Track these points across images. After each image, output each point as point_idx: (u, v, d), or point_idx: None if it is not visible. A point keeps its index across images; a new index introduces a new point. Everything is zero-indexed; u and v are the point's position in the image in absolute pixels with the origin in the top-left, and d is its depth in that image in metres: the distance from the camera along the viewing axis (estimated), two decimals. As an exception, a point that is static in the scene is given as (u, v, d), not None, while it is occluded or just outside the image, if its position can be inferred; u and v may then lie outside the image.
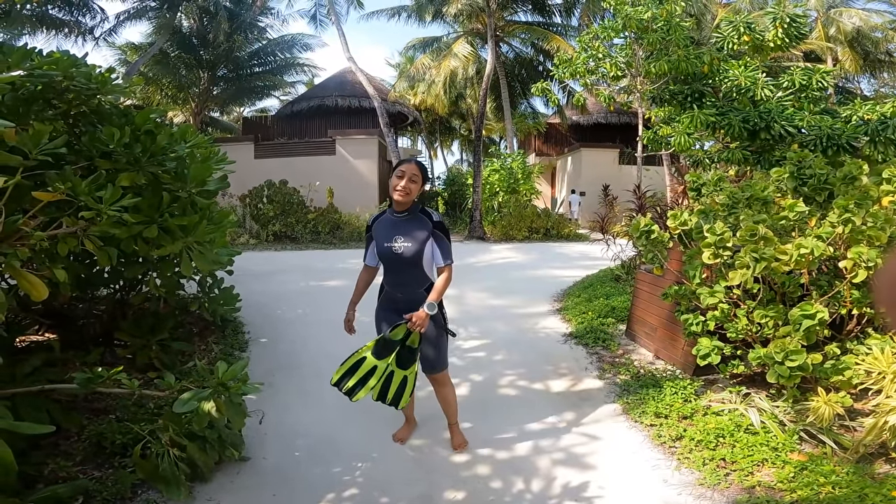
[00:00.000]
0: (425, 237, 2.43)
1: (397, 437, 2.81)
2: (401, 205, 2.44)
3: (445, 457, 2.66)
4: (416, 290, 2.51)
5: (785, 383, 2.42)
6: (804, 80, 6.52)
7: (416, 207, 2.50)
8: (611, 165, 17.40)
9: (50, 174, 2.22)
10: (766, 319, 2.44)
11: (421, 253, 2.43)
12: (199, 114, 19.86)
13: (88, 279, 3.33)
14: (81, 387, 2.01)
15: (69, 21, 15.18)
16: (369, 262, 2.69)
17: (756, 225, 2.35)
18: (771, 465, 2.43)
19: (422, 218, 2.46)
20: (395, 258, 2.44)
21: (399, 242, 2.42)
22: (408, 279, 2.50)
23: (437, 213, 2.52)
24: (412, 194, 2.42)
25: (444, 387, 2.64)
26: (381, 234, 2.50)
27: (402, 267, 2.46)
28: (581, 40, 9.29)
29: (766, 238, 2.30)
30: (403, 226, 2.44)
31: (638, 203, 6.25)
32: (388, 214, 2.54)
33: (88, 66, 2.68)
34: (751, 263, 2.25)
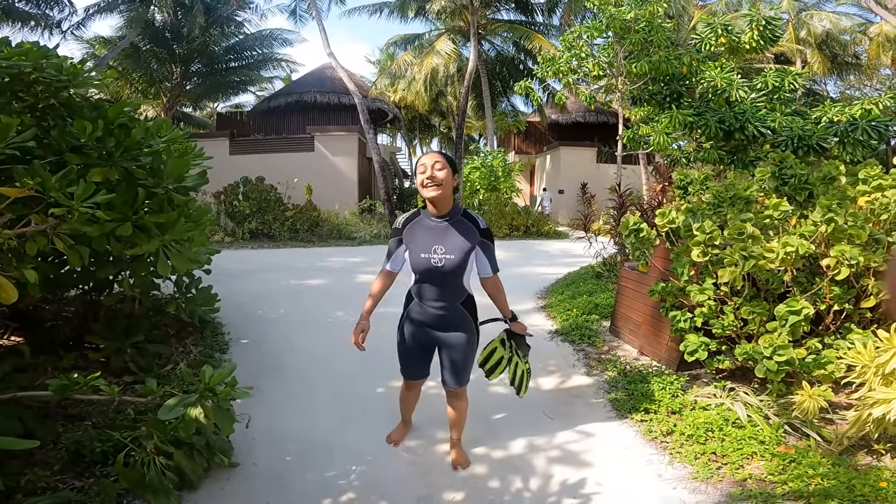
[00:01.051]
0: (470, 247, 2.15)
1: (391, 438, 2.73)
2: (439, 204, 2.13)
3: (441, 457, 2.62)
4: (453, 305, 2.27)
5: (772, 378, 2.46)
6: (777, 81, 6.69)
7: (457, 210, 2.20)
8: (589, 164, 17.61)
9: (18, 169, 2.10)
10: (752, 316, 2.48)
11: (465, 265, 2.16)
12: (171, 109, 19.27)
13: (58, 279, 3.17)
14: (57, 394, 1.91)
15: (36, 14, 14.58)
16: (392, 266, 2.31)
17: (744, 224, 2.38)
18: (760, 458, 2.48)
19: (465, 223, 2.17)
20: (435, 271, 2.15)
21: (439, 254, 2.12)
22: (446, 293, 2.23)
23: (481, 218, 2.25)
24: (445, 186, 2.08)
25: (462, 400, 2.48)
26: (416, 241, 2.17)
27: (441, 280, 2.18)
28: (565, 39, 9.36)
29: (754, 236, 2.33)
30: (445, 233, 2.14)
31: (619, 201, 6.32)
32: (423, 218, 2.21)
33: (59, 57, 2.55)
34: (739, 261, 2.28)
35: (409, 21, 17.59)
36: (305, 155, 15.22)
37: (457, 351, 2.32)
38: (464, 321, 2.32)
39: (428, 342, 2.38)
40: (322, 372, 3.63)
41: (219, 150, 14.72)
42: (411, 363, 2.46)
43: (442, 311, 2.25)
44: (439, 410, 2.77)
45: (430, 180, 2.06)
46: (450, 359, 2.35)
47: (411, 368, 2.48)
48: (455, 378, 2.38)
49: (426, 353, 2.44)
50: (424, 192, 2.10)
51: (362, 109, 12.66)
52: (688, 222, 2.69)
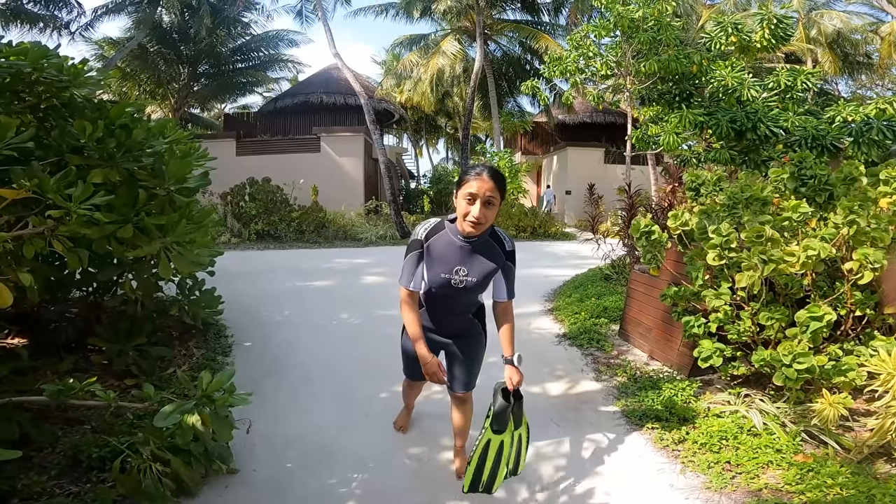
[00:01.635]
0: (494, 269, 1.99)
1: (398, 424, 2.76)
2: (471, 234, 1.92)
3: (445, 465, 2.55)
4: (465, 316, 2.20)
5: (791, 385, 2.38)
6: (789, 80, 6.58)
7: (487, 230, 1.97)
8: (596, 164, 17.48)
9: (15, 170, 2.06)
10: (771, 321, 2.39)
11: (486, 287, 2.04)
12: (179, 110, 19.37)
13: (59, 282, 3.14)
14: (52, 399, 1.86)
15: (44, 15, 14.68)
16: (413, 286, 2.07)
17: (762, 226, 2.29)
18: (776, 467, 2.41)
19: (492, 245, 1.99)
20: (454, 292, 2.01)
21: (461, 276, 1.96)
22: (460, 308, 2.15)
23: (509, 238, 2.05)
24: (488, 223, 1.88)
25: (468, 406, 2.41)
26: (438, 259, 1.98)
27: (458, 298, 2.07)
28: (572, 39, 9.28)
29: (773, 239, 2.25)
30: (470, 255, 1.96)
31: (628, 202, 6.23)
32: (447, 233, 1.98)
33: (60, 57, 2.51)
34: (758, 265, 2.20)
35: (414, 21, 17.58)
36: (311, 156, 15.23)
37: (465, 356, 2.25)
38: (473, 327, 2.26)
39: (434, 348, 2.27)
40: (325, 376, 3.57)
41: (226, 151, 14.77)
42: (415, 367, 2.30)
43: (454, 323, 2.20)
44: (443, 415, 2.71)
45: (475, 221, 1.82)
46: (457, 364, 2.28)
47: (413, 371, 2.39)
48: (463, 382, 2.29)
49: None
50: (464, 225, 1.86)
51: (368, 110, 12.62)
52: (702, 224, 2.60)
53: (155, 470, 1.92)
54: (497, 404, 2.03)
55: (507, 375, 2.07)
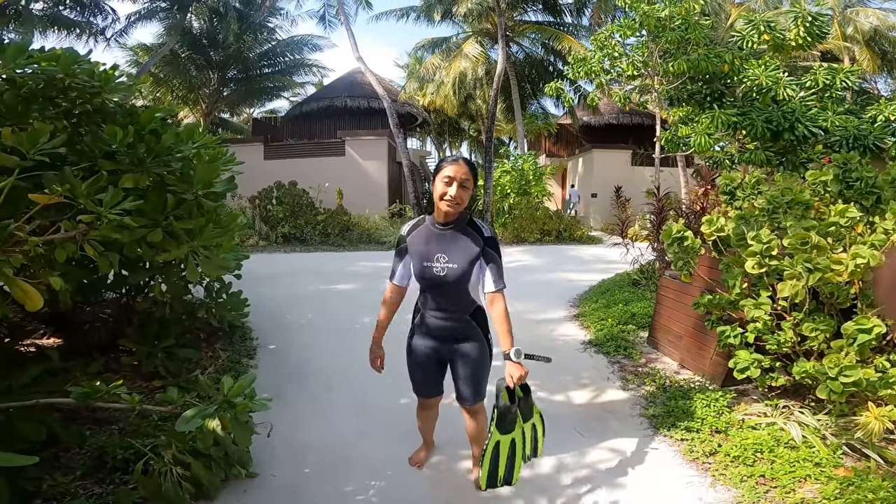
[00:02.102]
0: (474, 256, 2.03)
1: (414, 460, 2.58)
2: (448, 216, 2.04)
3: (464, 475, 2.50)
4: (460, 317, 2.14)
5: (836, 399, 2.25)
6: (827, 79, 6.33)
7: (462, 218, 2.08)
8: (623, 167, 17.16)
9: (48, 175, 2.10)
10: (815, 332, 2.26)
11: (469, 275, 2.04)
12: (210, 115, 19.89)
13: (91, 285, 3.21)
14: (78, 401, 1.89)
15: (81, 22, 15.24)
16: (398, 280, 2.22)
17: (807, 232, 2.17)
18: (814, 481, 2.29)
19: (469, 232, 2.06)
20: (438, 281, 2.04)
21: (442, 262, 2.02)
22: (451, 305, 2.11)
23: (487, 226, 2.11)
24: (464, 203, 2.00)
25: (478, 415, 2.32)
26: (419, 250, 2.08)
27: (446, 291, 2.07)
28: (596, 39, 9.13)
29: (819, 247, 2.12)
30: (447, 241, 2.04)
31: (658, 206, 6.07)
32: (427, 225, 2.12)
33: (91, 63, 2.56)
34: (803, 274, 2.08)
35: (436, 25, 17.62)
36: (336, 159, 15.39)
37: (468, 364, 2.19)
38: (473, 332, 2.18)
39: (437, 357, 2.24)
40: (346, 381, 3.57)
41: (254, 156, 15.06)
42: (422, 379, 2.33)
43: (448, 323, 2.14)
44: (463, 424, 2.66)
45: (452, 200, 1.96)
46: (462, 373, 2.21)
47: (422, 385, 2.34)
48: (470, 393, 2.23)
49: (437, 369, 2.29)
50: (441, 204, 2.00)
51: (391, 113, 12.69)
52: (739, 230, 2.48)
53: (175, 473, 1.93)
54: (500, 405, 2.00)
55: (507, 372, 2.01)
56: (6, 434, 1.96)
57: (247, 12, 18.10)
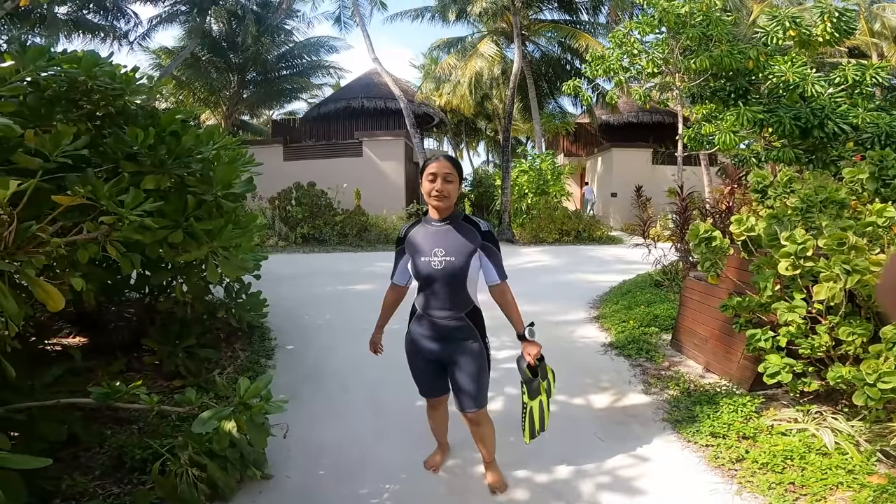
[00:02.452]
0: (472, 250, 2.06)
1: (429, 464, 2.55)
2: (440, 211, 2.09)
3: (479, 480, 2.45)
4: (457, 314, 2.12)
5: (874, 405, 2.15)
6: (857, 75, 6.12)
7: (458, 214, 2.14)
8: (644, 166, 16.86)
9: (70, 177, 2.13)
10: (852, 337, 2.16)
11: (466, 269, 2.06)
12: (230, 117, 20.19)
13: (115, 285, 3.26)
14: (98, 401, 1.90)
15: (104, 25, 15.56)
16: (398, 279, 2.30)
17: (845, 232, 2.06)
18: (846, 489, 2.20)
19: (466, 227, 2.10)
20: (436, 276, 2.07)
21: (440, 256, 2.05)
22: (449, 302, 2.11)
23: (484, 222, 2.15)
24: (451, 197, 2.07)
25: (482, 425, 2.27)
26: (417, 247, 2.12)
27: (443, 287, 2.09)
28: (614, 36, 8.99)
29: (857, 247, 2.02)
30: (445, 236, 2.08)
31: (681, 205, 5.93)
32: (423, 224, 2.17)
33: (112, 65, 2.59)
34: (841, 276, 1.98)
35: (450, 25, 17.54)
36: (354, 160, 15.45)
37: (466, 367, 2.15)
38: (471, 334, 2.16)
39: (436, 356, 2.22)
40: (362, 382, 3.55)
41: (273, 157, 15.20)
42: (425, 379, 2.31)
43: (445, 322, 2.13)
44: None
45: (439, 194, 2.04)
46: (460, 378, 2.17)
47: (426, 385, 2.32)
48: (470, 400, 2.18)
49: (437, 370, 2.27)
50: (430, 200, 2.08)
51: (408, 114, 12.70)
52: (771, 230, 2.38)
53: (191, 474, 1.93)
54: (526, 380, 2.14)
55: (525, 352, 2.12)
56: (27, 434, 1.98)
57: (264, 15, 18.32)
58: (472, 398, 2.17)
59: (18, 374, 2.34)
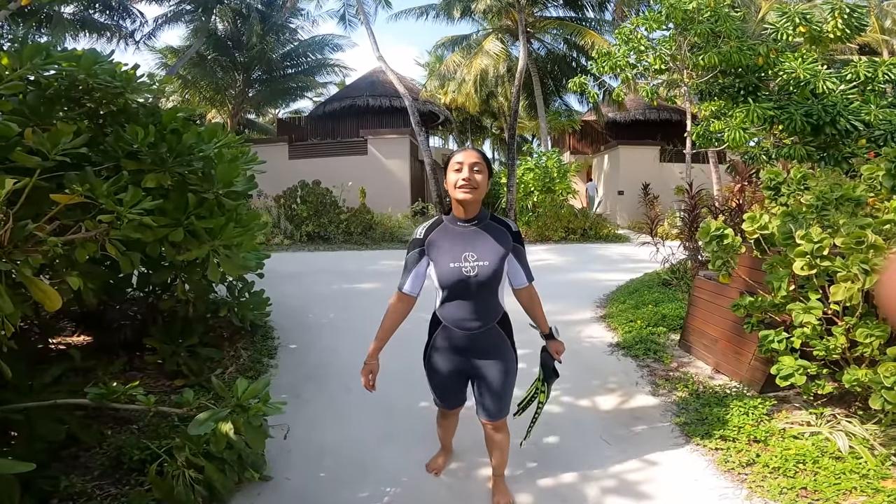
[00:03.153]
0: (504, 253, 1.89)
1: (431, 466, 2.48)
2: (469, 207, 1.87)
3: (482, 484, 2.41)
4: (489, 324, 1.94)
5: (891, 409, 2.09)
6: (869, 72, 6.01)
7: (485, 214, 1.95)
8: (651, 163, 16.72)
9: (69, 175, 2.10)
10: (869, 339, 2.09)
11: (500, 273, 1.89)
12: (236, 115, 20.25)
13: (117, 285, 3.24)
14: (94, 402, 1.88)
15: (110, 25, 15.62)
16: (409, 288, 1.99)
17: (863, 231, 1.99)
18: (860, 494, 2.15)
19: (495, 227, 1.92)
20: (468, 282, 1.86)
21: (472, 261, 1.85)
22: (480, 311, 1.92)
23: (512, 221, 2.00)
24: (480, 188, 1.84)
25: (501, 433, 2.17)
26: (442, 250, 1.89)
27: (475, 294, 1.89)
28: (620, 33, 8.89)
29: (876, 246, 1.95)
30: (475, 238, 1.88)
31: (690, 203, 5.84)
32: (447, 224, 1.94)
33: (112, 63, 2.56)
34: (859, 276, 1.91)
35: (455, 22, 17.50)
36: (359, 158, 15.44)
37: (495, 379, 2.02)
38: (502, 344, 2.02)
39: (462, 369, 2.06)
40: (366, 382, 3.51)
41: (278, 155, 15.24)
42: (446, 392, 2.15)
43: (476, 333, 1.94)
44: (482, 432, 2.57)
45: (467, 182, 1.81)
46: (487, 388, 2.04)
47: (447, 397, 2.17)
48: (495, 410, 2.07)
49: (460, 382, 2.13)
50: (456, 192, 1.84)
51: (413, 112, 12.65)
52: (786, 228, 2.30)
53: (188, 476, 1.91)
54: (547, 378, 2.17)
55: (554, 349, 2.14)
56: (26, 434, 1.96)
57: (269, 13, 18.35)
58: (497, 408, 2.06)
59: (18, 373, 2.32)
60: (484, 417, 2.11)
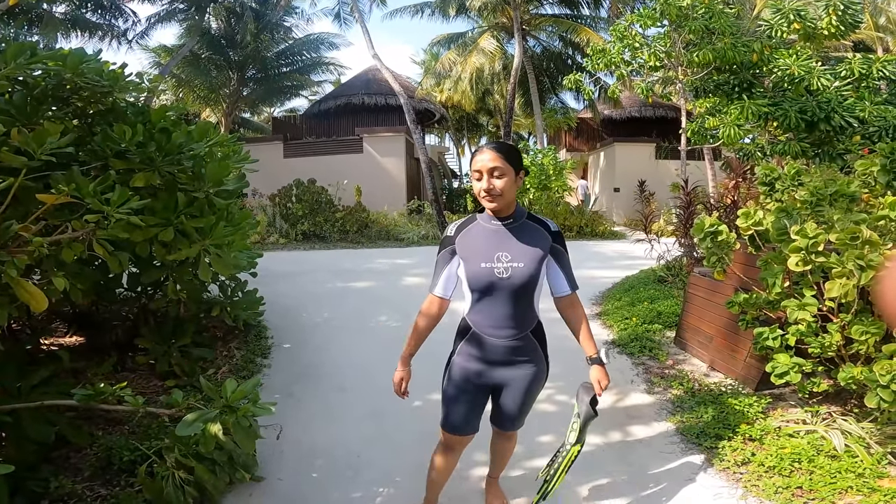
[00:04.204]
0: (542, 254, 1.73)
1: None
2: (498, 210, 1.73)
3: (476, 483, 2.39)
4: (523, 333, 1.78)
5: (887, 407, 2.09)
6: (863, 68, 6.02)
7: (522, 211, 1.79)
8: (646, 160, 16.75)
9: (55, 175, 2.08)
10: (865, 336, 2.09)
11: (537, 277, 1.73)
12: (231, 114, 20.14)
13: (107, 285, 3.21)
14: (82, 403, 1.85)
15: (102, 24, 15.46)
16: (441, 290, 1.83)
17: (858, 226, 1.99)
18: (856, 493, 2.14)
19: (533, 226, 1.77)
20: (500, 285, 1.71)
21: (505, 262, 1.70)
22: (515, 318, 1.76)
23: (552, 221, 1.84)
24: (506, 194, 1.68)
25: (511, 441, 2.10)
26: (474, 249, 1.75)
27: (508, 299, 1.73)
28: (616, 30, 8.88)
29: (872, 242, 1.94)
30: (509, 238, 1.73)
31: (685, 199, 5.84)
32: (480, 222, 1.80)
33: (99, 62, 2.52)
34: (854, 272, 1.90)
35: (450, 20, 17.44)
36: (355, 156, 15.41)
37: (521, 391, 1.86)
38: (535, 354, 1.85)
39: (485, 385, 1.87)
40: (359, 381, 3.50)
41: (274, 154, 15.19)
42: (460, 413, 1.88)
43: (508, 342, 1.77)
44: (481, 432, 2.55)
45: (488, 193, 1.67)
46: (511, 399, 1.88)
47: (460, 419, 1.88)
48: (513, 421, 1.95)
49: (482, 398, 1.91)
50: (483, 202, 1.72)
51: (408, 110, 12.62)
52: (780, 224, 2.29)
53: (178, 477, 1.89)
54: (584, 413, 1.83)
55: (595, 378, 1.83)
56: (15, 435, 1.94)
57: (263, 12, 18.23)
58: (513, 418, 1.94)
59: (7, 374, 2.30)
60: (498, 426, 2.01)
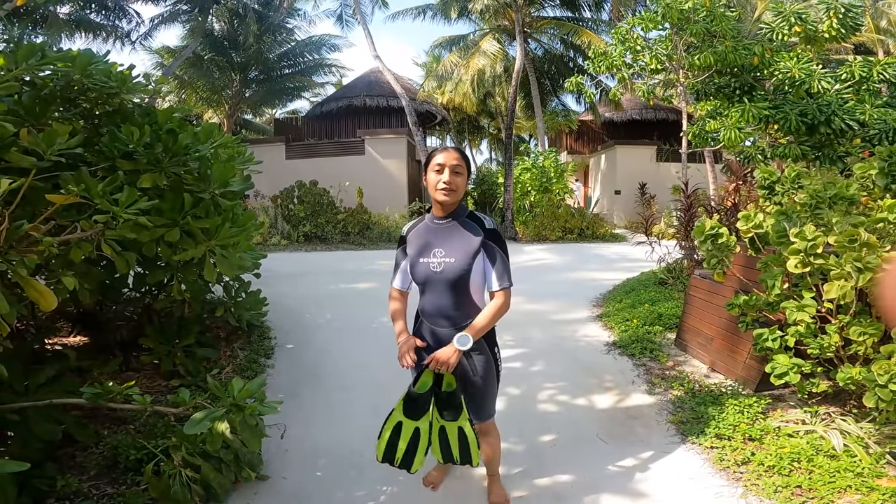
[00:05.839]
0: (474, 250, 1.87)
1: (428, 480, 2.38)
2: (445, 206, 1.91)
3: (478, 482, 2.41)
4: (461, 323, 1.92)
5: (885, 407, 2.10)
6: (864, 71, 6.04)
7: (462, 210, 1.95)
8: (647, 163, 16.77)
9: (64, 176, 2.10)
10: (863, 337, 2.10)
11: (468, 271, 1.86)
12: (233, 116, 20.19)
13: (113, 285, 3.24)
14: (89, 402, 1.88)
15: (106, 25, 15.53)
16: (399, 283, 2.08)
17: (856, 229, 2.01)
18: (855, 492, 2.16)
19: (470, 224, 1.92)
20: (435, 278, 1.89)
21: (439, 257, 1.88)
22: (451, 308, 1.91)
23: (489, 219, 1.95)
24: (459, 191, 1.88)
25: (487, 436, 2.12)
26: (416, 245, 1.95)
27: (444, 292, 1.90)
28: (617, 33, 8.91)
29: (870, 244, 1.96)
30: (445, 235, 1.91)
31: (686, 202, 5.86)
32: (426, 221, 2.01)
33: (108, 63, 2.56)
34: (853, 274, 1.92)
35: (452, 22, 17.47)
36: (356, 158, 15.42)
37: (471, 381, 1.98)
38: (478, 344, 1.94)
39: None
40: (362, 381, 3.52)
41: (276, 155, 15.21)
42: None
43: (449, 331, 1.92)
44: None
45: (447, 185, 1.85)
46: (466, 390, 2.00)
47: None
48: (477, 411, 2.03)
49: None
50: (437, 194, 1.88)
51: (410, 112, 12.66)
52: (780, 227, 2.32)
53: (184, 475, 1.91)
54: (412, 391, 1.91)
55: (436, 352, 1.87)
56: (22, 434, 1.96)
57: (265, 13, 18.30)
58: (479, 409, 2.04)
59: (14, 373, 2.32)
60: None
